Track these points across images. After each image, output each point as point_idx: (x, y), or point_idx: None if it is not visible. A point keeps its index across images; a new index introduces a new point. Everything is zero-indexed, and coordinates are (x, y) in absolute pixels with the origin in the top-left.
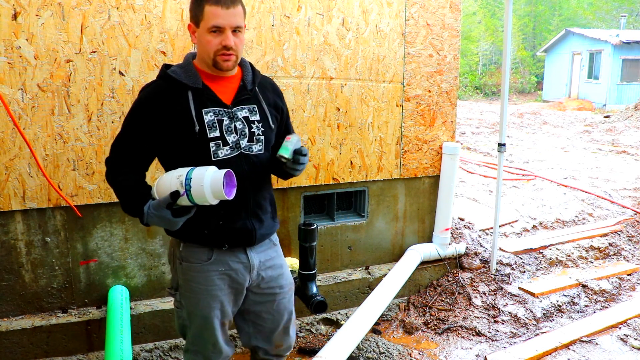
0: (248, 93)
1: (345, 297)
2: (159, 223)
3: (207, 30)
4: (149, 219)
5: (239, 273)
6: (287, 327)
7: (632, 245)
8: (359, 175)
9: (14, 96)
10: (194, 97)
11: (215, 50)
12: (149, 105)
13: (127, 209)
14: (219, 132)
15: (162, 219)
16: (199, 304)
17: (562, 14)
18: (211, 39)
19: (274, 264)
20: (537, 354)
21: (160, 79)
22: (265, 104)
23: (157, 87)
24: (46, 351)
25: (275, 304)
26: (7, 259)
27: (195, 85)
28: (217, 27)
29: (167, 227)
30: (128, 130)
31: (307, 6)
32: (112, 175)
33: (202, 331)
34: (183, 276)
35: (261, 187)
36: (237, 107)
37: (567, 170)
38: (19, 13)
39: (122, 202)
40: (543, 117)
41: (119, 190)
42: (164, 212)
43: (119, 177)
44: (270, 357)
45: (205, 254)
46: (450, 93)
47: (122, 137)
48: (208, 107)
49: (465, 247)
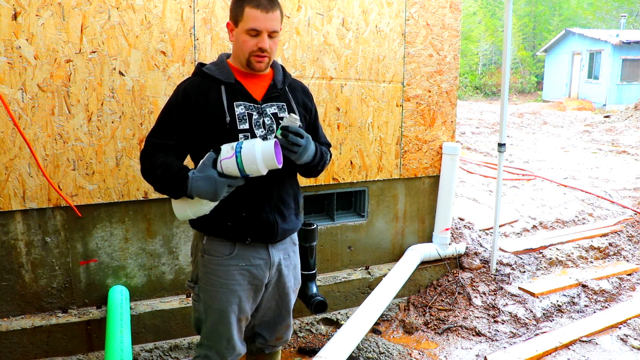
0: (278, 91)
1: (345, 297)
2: (204, 186)
3: (244, 31)
4: (193, 183)
5: (260, 269)
6: (289, 324)
7: (632, 245)
8: (359, 175)
9: (14, 96)
10: (226, 91)
11: (251, 51)
12: (184, 98)
13: (169, 183)
14: (248, 125)
15: (207, 180)
16: (217, 297)
17: (562, 14)
18: (248, 39)
19: (291, 263)
20: (537, 354)
21: (195, 75)
22: (294, 103)
23: (193, 82)
24: (46, 351)
25: (285, 302)
26: (7, 259)
27: (228, 80)
28: (255, 30)
29: (212, 191)
30: (164, 121)
31: (307, 6)
32: (149, 160)
33: (217, 326)
34: (204, 269)
35: (285, 182)
36: (267, 104)
37: (567, 170)
38: (19, 13)
39: (161, 179)
40: (543, 117)
41: (157, 169)
42: (209, 171)
43: (158, 159)
44: (268, 346)
45: (228, 248)
46: (450, 93)
47: (159, 129)
48: (239, 101)
49: (465, 247)
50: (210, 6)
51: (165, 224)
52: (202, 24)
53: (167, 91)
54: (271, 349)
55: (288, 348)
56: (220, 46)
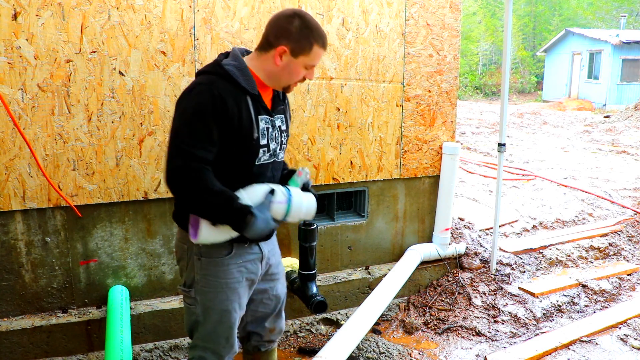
0: (282, 103)
1: (345, 297)
2: (262, 227)
3: (304, 65)
4: (255, 224)
5: (254, 263)
6: (280, 311)
7: (632, 245)
8: (359, 175)
9: (14, 96)
10: (252, 102)
11: (297, 81)
12: (221, 104)
13: (229, 215)
14: (266, 140)
15: (266, 223)
16: (218, 298)
17: (562, 14)
18: (302, 72)
19: (276, 251)
20: (537, 354)
21: (219, 77)
22: (287, 115)
23: (222, 85)
24: (46, 351)
25: (275, 289)
26: (7, 259)
27: (253, 92)
28: (313, 66)
29: (266, 232)
30: (201, 130)
31: (307, 6)
32: (201, 180)
33: (217, 326)
34: (201, 272)
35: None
36: (275, 117)
37: (567, 170)
38: (19, 13)
39: (221, 208)
40: (543, 117)
41: (217, 196)
42: (266, 213)
43: (214, 183)
44: (263, 342)
45: (226, 248)
46: (450, 93)
47: (197, 138)
48: (262, 115)
49: (465, 247)
50: (210, 6)
51: (165, 224)
52: (202, 24)
53: (167, 91)
54: (267, 346)
55: (288, 348)
56: (220, 46)
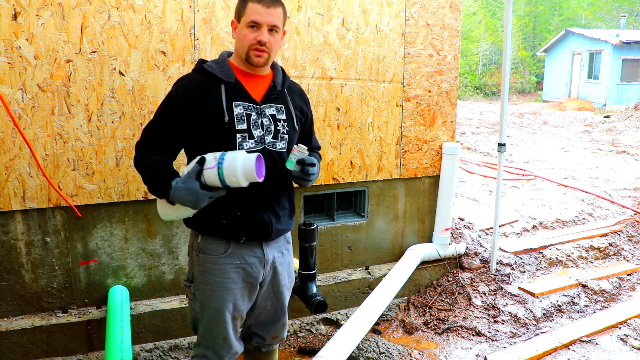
0: (277, 93)
1: (345, 297)
2: (185, 197)
3: (246, 25)
4: (175, 192)
5: (254, 267)
6: (285, 323)
7: (632, 245)
8: (359, 175)
9: (14, 96)
10: (226, 90)
11: (250, 45)
12: (184, 94)
13: (154, 185)
14: (246, 126)
15: (189, 191)
16: (213, 296)
17: (562, 14)
18: (248, 33)
19: (285, 261)
20: (537, 354)
21: (196, 72)
22: (292, 106)
23: (193, 79)
24: (46, 351)
25: (280, 300)
26: (7, 259)
27: (229, 80)
28: (255, 23)
29: (193, 201)
30: (162, 117)
31: (307, 6)
32: (143, 155)
33: (213, 325)
34: (199, 268)
35: (280, 183)
36: (266, 105)
37: (567, 170)
38: (19, 13)
39: (149, 180)
40: (543, 117)
41: (148, 168)
42: (192, 182)
43: (151, 157)
44: (265, 344)
45: (222, 247)
46: (450, 93)
47: (156, 123)
48: (238, 101)
49: (465, 247)
50: (210, 6)
51: (165, 224)
52: (202, 24)
53: (167, 91)
54: (268, 347)
55: (288, 348)
56: (220, 46)
